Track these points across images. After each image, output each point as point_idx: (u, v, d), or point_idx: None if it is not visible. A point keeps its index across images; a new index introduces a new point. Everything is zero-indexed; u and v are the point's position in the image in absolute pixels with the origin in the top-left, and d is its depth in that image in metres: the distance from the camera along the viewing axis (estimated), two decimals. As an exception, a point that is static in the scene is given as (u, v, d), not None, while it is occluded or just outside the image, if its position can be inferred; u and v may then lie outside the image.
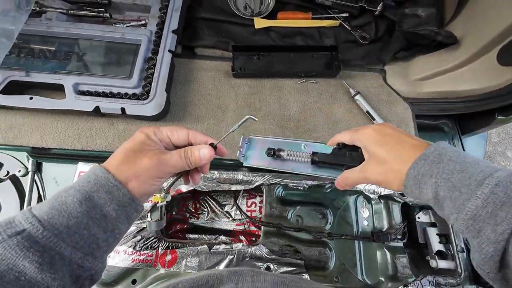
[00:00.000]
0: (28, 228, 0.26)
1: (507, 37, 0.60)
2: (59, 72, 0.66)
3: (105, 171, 0.31)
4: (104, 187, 0.30)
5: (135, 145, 0.34)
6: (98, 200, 0.30)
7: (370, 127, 0.41)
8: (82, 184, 0.30)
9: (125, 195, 0.31)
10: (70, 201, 0.29)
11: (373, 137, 0.39)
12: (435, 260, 0.61)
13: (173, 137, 0.37)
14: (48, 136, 0.67)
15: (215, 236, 0.75)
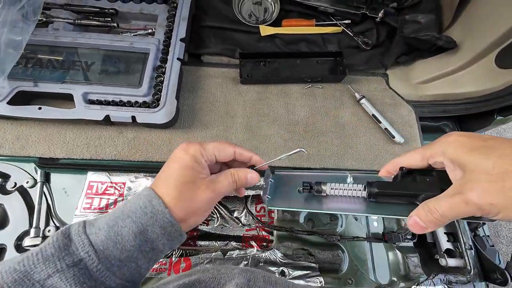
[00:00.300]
0: (84, 258, 0.27)
1: (505, 41, 0.63)
2: (68, 82, 0.66)
3: (163, 205, 0.30)
4: (159, 222, 0.30)
5: (186, 174, 0.32)
6: (152, 235, 0.30)
7: (453, 134, 0.29)
8: (139, 216, 0.30)
9: (177, 230, 0.31)
10: (125, 233, 0.29)
11: (465, 142, 0.27)
12: (444, 259, 0.63)
13: (219, 156, 0.35)
14: (56, 146, 0.66)
15: (226, 242, 0.74)
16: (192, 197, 0.32)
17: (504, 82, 0.65)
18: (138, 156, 0.67)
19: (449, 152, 0.27)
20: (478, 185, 0.24)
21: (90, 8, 0.72)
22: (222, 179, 0.35)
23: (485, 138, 0.26)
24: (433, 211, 0.27)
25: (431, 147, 0.30)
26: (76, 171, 0.67)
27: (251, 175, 0.36)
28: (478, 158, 0.25)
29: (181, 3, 0.74)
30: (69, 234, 0.28)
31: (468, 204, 0.24)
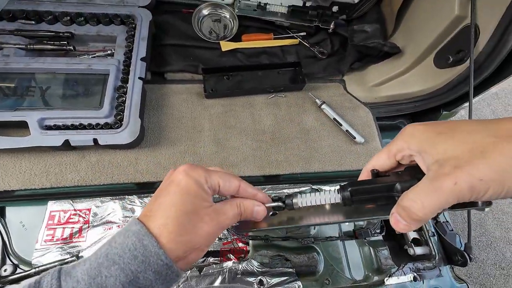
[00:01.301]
0: None
1: (438, 45, 0.71)
2: (21, 109, 0.63)
3: (156, 245, 0.26)
4: (153, 266, 0.25)
5: (187, 202, 0.28)
6: (144, 282, 0.25)
7: (410, 125, 0.27)
8: (128, 261, 0.25)
9: (174, 272, 0.27)
10: (111, 283, 0.24)
11: (426, 129, 0.25)
12: (412, 248, 0.66)
13: (223, 187, 0.31)
14: (11, 177, 0.62)
15: (203, 259, 0.73)
16: (194, 230, 0.28)
17: (442, 81, 0.72)
18: (103, 180, 0.65)
19: (413, 143, 0.25)
20: (461, 163, 0.21)
21: (43, 33, 0.71)
22: (227, 210, 0.31)
23: (439, 123, 0.25)
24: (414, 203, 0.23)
25: (395, 143, 0.28)
26: (35, 202, 0.63)
27: (258, 207, 0.32)
28: (448, 140, 0.23)
29: (139, 23, 0.75)
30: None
31: (458, 184, 0.21)
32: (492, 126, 0.22)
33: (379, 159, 0.30)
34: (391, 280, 0.62)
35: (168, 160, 0.69)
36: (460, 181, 0.21)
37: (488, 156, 0.20)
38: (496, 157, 0.20)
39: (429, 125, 0.25)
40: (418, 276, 0.63)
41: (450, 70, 0.69)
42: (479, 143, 0.21)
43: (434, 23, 0.69)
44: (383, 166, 0.30)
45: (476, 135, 0.22)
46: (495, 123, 0.22)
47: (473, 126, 0.23)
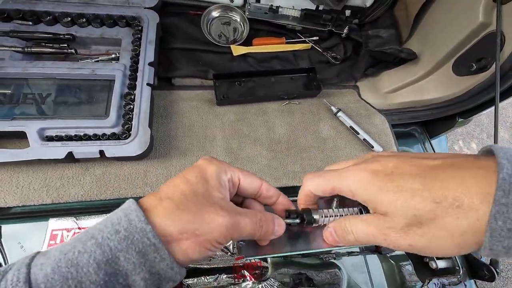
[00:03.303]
0: None
1: (458, 52, 0.69)
2: (19, 118, 0.57)
3: (144, 220, 0.22)
4: (136, 245, 0.21)
5: (201, 184, 0.25)
6: (125, 265, 0.21)
7: (359, 167, 0.25)
8: (107, 236, 0.21)
9: (164, 259, 0.22)
10: (84, 261, 0.20)
11: (372, 182, 0.24)
12: (434, 262, 0.64)
13: (244, 182, 0.29)
14: (7, 193, 0.57)
15: (216, 277, 0.69)
16: (200, 213, 0.23)
17: (462, 88, 0.70)
18: (109, 194, 0.60)
19: (359, 194, 0.25)
20: (397, 227, 0.22)
21: (42, 35, 0.65)
22: (245, 212, 0.26)
23: (389, 169, 0.24)
24: (348, 232, 0.26)
25: (339, 182, 0.26)
26: (34, 220, 0.57)
27: (278, 221, 0.28)
28: (390, 200, 0.22)
29: (146, 26, 0.70)
30: (9, 270, 0.20)
31: (387, 241, 0.23)
32: (435, 188, 0.21)
33: (318, 189, 0.28)
34: (417, 297, 0.59)
35: (179, 171, 0.64)
36: (388, 242, 0.23)
37: (423, 229, 0.21)
38: (431, 230, 0.21)
39: (377, 176, 0.24)
40: (444, 292, 0.60)
41: (471, 77, 0.67)
42: (419, 210, 0.21)
43: (455, 30, 0.67)
44: (321, 194, 0.29)
45: (417, 198, 0.21)
46: (440, 181, 0.21)
47: (416, 182, 0.22)
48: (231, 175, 0.28)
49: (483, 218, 0.19)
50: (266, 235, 0.27)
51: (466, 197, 0.20)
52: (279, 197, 0.31)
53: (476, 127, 2.37)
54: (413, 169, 0.23)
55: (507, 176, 0.18)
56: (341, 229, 0.27)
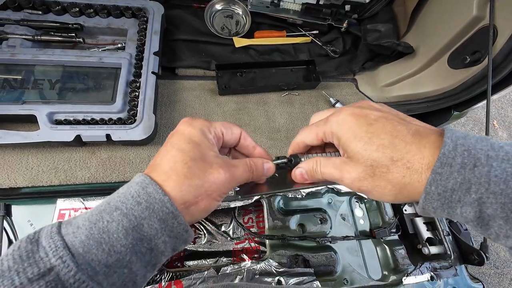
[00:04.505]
0: (57, 266, 0.20)
1: (453, 46, 0.71)
2: (29, 102, 0.60)
3: (161, 192, 0.24)
4: (157, 214, 0.24)
5: (193, 150, 0.27)
6: (148, 231, 0.24)
7: (345, 111, 0.28)
8: (131, 206, 0.23)
9: (181, 224, 0.25)
10: (113, 229, 0.22)
11: (351, 127, 0.26)
12: (426, 248, 0.67)
13: (227, 134, 0.31)
14: (17, 174, 0.59)
15: (216, 259, 0.71)
16: (205, 175, 0.26)
17: (457, 81, 0.72)
18: (114, 177, 0.62)
19: (338, 136, 0.27)
20: (353, 173, 0.26)
21: (51, 24, 0.68)
22: (237, 163, 0.29)
23: (371, 120, 0.26)
24: (317, 172, 0.30)
25: (324, 126, 0.29)
26: (43, 200, 0.60)
27: (267, 164, 0.31)
28: (359, 148, 0.26)
29: (151, 17, 0.73)
30: (38, 238, 0.22)
31: (343, 182, 0.28)
32: (398, 148, 0.24)
33: (308, 137, 0.31)
34: (409, 279, 0.61)
35: (181, 157, 0.67)
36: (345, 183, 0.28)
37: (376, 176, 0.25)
38: (379, 180, 0.25)
39: (359, 120, 0.27)
40: (435, 276, 0.62)
41: (465, 70, 0.69)
42: (377, 162, 0.25)
43: (450, 24, 0.69)
44: (312, 143, 0.32)
45: (380, 153, 0.25)
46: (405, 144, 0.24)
47: (385, 140, 0.25)
48: (214, 131, 0.29)
49: (423, 180, 0.23)
50: (258, 176, 0.31)
51: (417, 162, 0.23)
52: (256, 148, 0.34)
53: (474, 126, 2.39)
54: (389, 127, 0.25)
55: (447, 152, 0.22)
56: (311, 168, 0.30)
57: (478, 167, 0.21)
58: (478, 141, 0.22)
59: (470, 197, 0.21)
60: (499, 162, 0.21)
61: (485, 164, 0.21)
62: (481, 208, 0.21)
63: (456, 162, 0.21)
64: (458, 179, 0.21)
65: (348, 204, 0.70)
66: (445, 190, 0.22)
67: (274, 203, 0.66)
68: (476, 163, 0.21)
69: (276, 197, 0.66)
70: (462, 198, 0.22)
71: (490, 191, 0.20)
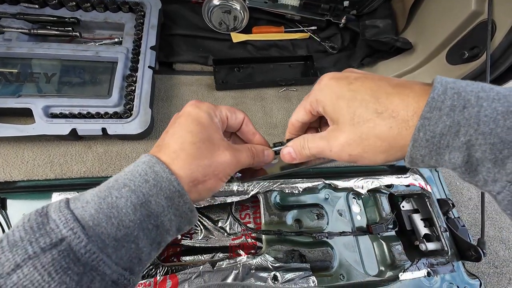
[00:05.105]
0: (68, 237, 0.20)
1: (451, 41, 0.71)
2: (25, 95, 0.59)
3: (168, 171, 0.25)
4: (164, 191, 0.24)
5: (201, 131, 0.27)
6: (156, 208, 0.24)
7: (326, 76, 0.28)
8: (139, 184, 0.24)
9: (186, 203, 0.26)
10: (122, 204, 0.23)
11: (333, 89, 0.26)
12: (423, 244, 0.66)
13: (231, 119, 0.31)
14: (12, 168, 0.59)
15: (212, 255, 0.71)
16: (212, 156, 0.27)
17: (455, 77, 0.72)
18: (110, 172, 0.62)
19: (321, 101, 0.27)
20: (340, 137, 0.25)
21: (47, 17, 0.67)
22: (241, 148, 0.30)
23: (351, 80, 0.26)
24: (305, 147, 0.30)
25: (309, 97, 0.29)
26: (38, 194, 0.60)
27: (267, 151, 0.33)
28: (343, 107, 0.25)
29: (148, 11, 0.72)
30: (47, 212, 0.22)
31: (332, 152, 0.27)
32: (381, 101, 0.23)
33: (299, 114, 0.31)
34: (406, 275, 0.61)
35: (178, 152, 0.66)
36: (333, 152, 0.27)
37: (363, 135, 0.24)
38: (368, 139, 0.24)
39: (340, 82, 0.26)
40: (432, 272, 0.62)
41: (463, 66, 0.69)
42: (362, 118, 0.24)
43: (449, 19, 0.69)
44: (304, 119, 0.31)
45: (363, 108, 0.24)
46: (387, 96, 0.23)
47: (367, 94, 0.24)
48: (219, 115, 0.30)
49: (411, 128, 0.22)
50: (258, 162, 0.32)
51: (402, 110, 0.22)
52: (255, 135, 0.34)
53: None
54: (370, 84, 0.25)
55: (436, 96, 0.21)
56: (298, 146, 0.30)
57: (468, 108, 0.20)
58: (468, 84, 0.21)
59: (458, 141, 0.21)
60: (489, 102, 0.20)
61: (475, 105, 0.20)
62: (470, 152, 0.20)
63: (446, 105, 0.20)
64: (447, 122, 0.20)
65: (345, 200, 0.70)
66: (434, 136, 0.21)
67: (270, 198, 0.66)
68: (466, 104, 0.20)
69: (273, 193, 0.66)
70: (450, 142, 0.21)
71: (479, 132, 0.20)
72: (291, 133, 0.33)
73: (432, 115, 0.21)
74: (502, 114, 0.19)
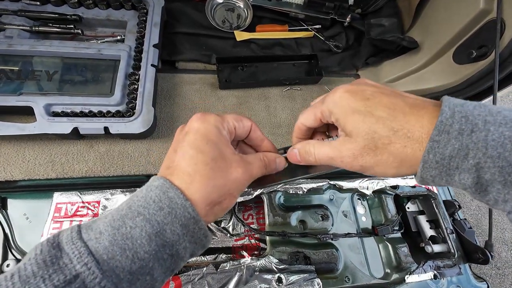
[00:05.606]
0: (82, 273, 0.20)
1: (459, 40, 0.70)
2: (26, 93, 0.59)
3: (183, 197, 0.24)
4: (179, 219, 0.24)
5: (213, 149, 0.26)
6: (171, 236, 0.23)
7: (341, 88, 0.27)
8: (153, 212, 0.23)
9: (201, 229, 0.25)
10: (137, 235, 0.22)
11: (348, 103, 0.26)
12: (429, 246, 0.65)
13: (239, 128, 0.31)
14: (13, 167, 0.58)
15: (215, 256, 0.70)
16: (226, 175, 0.26)
17: (462, 76, 0.71)
18: (112, 171, 0.61)
19: (335, 113, 0.27)
20: (353, 149, 0.25)
21: (49, 14, 0.67)
22: (252, 160, 0.29)
23: (367, 95, 0.26)
24: (310, 154, 0.29)
25: (321, 106, 0.28)
26: (40, 194, 0.59)
27: (279, 159, 0.32)
28: (358, 121, 0.25)
29: (151, 9, 0.71)
30: (59, 243, 0.21)
31: (343, 162, 0.27)
32: (398, 119, 0.24)
33: (308, 119, 0.31)
34: (412, 278, 0.60)
35: (181, 152, 0.65)
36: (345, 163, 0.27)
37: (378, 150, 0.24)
38: (382, 153, 0.24)
39: (355, 96, 0.26)
40: (439, 274, 0.61)
41: (471, 65, 0.68)
42: (378, 134, 0.24)
43: (456, 18, 0.68)
44: (313, 125, 0.31)
45: (380, 125, 0.24)
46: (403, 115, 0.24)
47: (384, 112, 0.24)
48: (227, 127, 0.29)
49: (423, 149, 0.23)
50: (270, 171, 0.32)
51: (417, 131, 0.23)
52: (264, 141, 0.34)
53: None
54: (386, 100, 0.25)
55: (445, 119, 0.21)
56: (305, 150, 0.30)
57: (476, 132, 0.21)
58: (476, 107, 0.22)
59: (468, 163, 0.21)
60: (496, 126, 0.20)
61: (482, 129, 0.20)
62: (479, 174, 0.21)
63: (454, 128, 0.21)
64: (455, 146, 0.21)
65: (350, 201, 0.69)
66: (443, 158, 0.22)
67: (274, 199, 0.65)
68: (474, 129, 0.21)
69: (277, 193, 0.65)
70: (460, 164, 0.22)
71: (487, 156, 0.20)
72: (298, 136, 0.33)
73: (441, 138, 0.21)
74: (510, 139, 0.20)
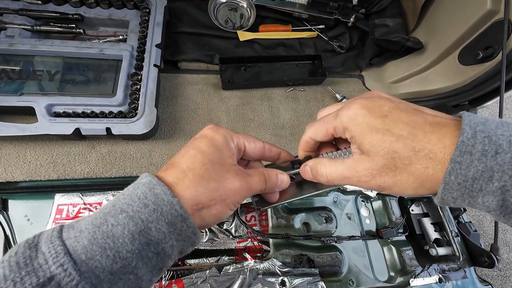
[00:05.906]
0: (57, 275, 0.19)
1: (464, 41, 0.69)
2: (27, 93, 0.58)
3: (170, 194, 0.23)
4: (165, 217, 0.22)
5: (215, 153, 0.26)
6: (156, 235, 0.22)
7: (356, 103, 0.25)
8: (138, 209, 0.22)
9: (190, 227, 0.24)
10: (119, 233, 0.21)
11: (365, 120, 0.24)
12: (434, 249, 0.65)
13: (249, 147, 0.31)
14: (14, 168, 0.58)
15: (217, 258, 0.69)
16: (221, 180, 0.26)
17: (467, 78, 0.70)
18: (114, 172, 0.60)
19: (351, 130, 0.25)
20: (371, 168, 0.24)
21: (50, 14, 0.66)
22: (252, 173, 0.29)
23: (385, 111, 0.24)
24: (321, 174, 0.28)
25: (334, 121, 0.27)
26: (41, 195, 0.58)
27: (281, 176, 0.31)
28: (377, 139, 0.24)
29: (154, 8, 0.71)
30: (38, 243, 0.20)
31: (360, 181, 0.25)
32: (419, 139, 0.23)
33: (317, 134, 0.29)
34: (417, 281, 0.60)
35: (183, 153, 0.65)
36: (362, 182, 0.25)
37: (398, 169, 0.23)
38: (401, 173, 0.23)
39: (372, 113, 0.24)
40: (444, 278, 0.61)
41: (477, 66, 0.67)
42: (398, 154, 0.23)
43: (462, 18, 0.67)
44: (323, 139, 0.30)
45: (400, 144, 0.23)
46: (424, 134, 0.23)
47: (404, 130, 0.23)
48: (237, 142, 0.30)
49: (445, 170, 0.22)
50: (272, 188, 0.31)
51: (440, 152, 0.22)
52: (280, 154, 0.33)
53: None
54: (405, 117, 0.23)
55: (466, 139, 0.20)
56: (315, 170, 0.29)
57: (501, 154, 0.20)
58: (498, 126, 0.21)
59: (492, 186, 0.20)
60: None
61: (507, 151, 0.20)
62: (505, 197, 0.20)
63: (477, 149, 0.20)
64: (479, 167, 0.20)
65: (354, 203, 0.68)
66: (466, 180, 0.21)
67: (278, 201, 0.64)
68: (498, 150, 0.20)
69: (280, 195, 0.65)
70: (484, 187, 0.20)
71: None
72: (305, 150, 0.31)
73: (463, 159, 0.20)
74: None
